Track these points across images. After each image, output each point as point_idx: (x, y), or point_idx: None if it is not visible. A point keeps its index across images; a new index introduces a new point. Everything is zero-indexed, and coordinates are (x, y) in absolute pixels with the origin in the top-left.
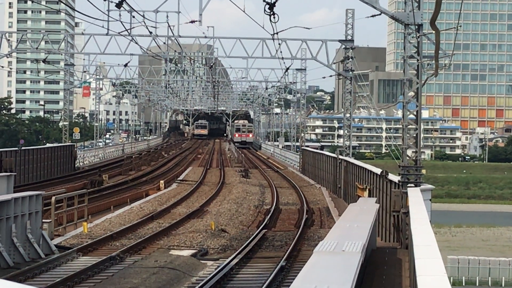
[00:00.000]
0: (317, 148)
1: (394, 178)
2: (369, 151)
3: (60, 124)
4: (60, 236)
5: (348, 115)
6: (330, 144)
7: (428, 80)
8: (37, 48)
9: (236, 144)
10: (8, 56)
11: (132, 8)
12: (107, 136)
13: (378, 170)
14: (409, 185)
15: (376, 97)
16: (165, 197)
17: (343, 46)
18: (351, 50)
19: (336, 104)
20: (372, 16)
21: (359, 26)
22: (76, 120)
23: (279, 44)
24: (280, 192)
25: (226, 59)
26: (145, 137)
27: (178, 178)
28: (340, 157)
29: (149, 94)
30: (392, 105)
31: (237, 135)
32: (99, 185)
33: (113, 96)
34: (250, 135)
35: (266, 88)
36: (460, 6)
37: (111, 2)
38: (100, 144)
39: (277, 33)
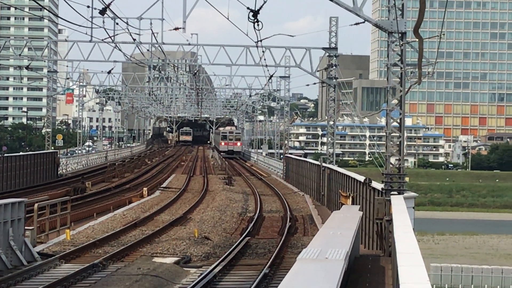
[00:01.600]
0: (300, 156)
1: (378, 185)
2: (352, 158)
3: (43, 131)
4: (43, 243)
5: (331, 122)
6: (313, 151)
7: (411, 88)
8: (20, 55)
9: (222, 154)
10: None
11: (116, 15)
12: (88, 143)
13: (361, 178)
14: (392, 192)
15: (359, 105)
16: (148, 204)
17: (327, 54)
18: (334, 58)
19: (319, 112)
20: (356, 24)
21: (342, 34)
22: (59, 127)
23: (263, 51)
24: (263, 199)
25: (210, 66)
26: (128, 144)
27: (162, 186)
28: (324, 164)
29: (133, 101)
30: (375, 113)
31: (223, 144)
32: (82, 192)
33: (97, 103)
34: (238, 144)
35: (250, 96)
36: (443, 14)
37: (95, 9)
38: (78, 152)
39: (261, 41)
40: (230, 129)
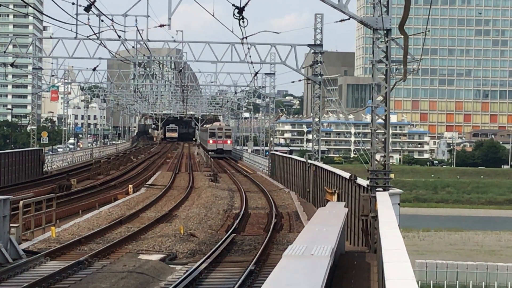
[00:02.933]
0: (286, 153)
1: (363, 182)
2: (338, 155)
3: (28, 128)
4: (28, 241)
5: (317, 119)
6: (299, 148)
7: (396, 84)
8: (4, 52)
9: (210, 153)
10: None
11: (101, 12)
12: (70, 141)
13: (347, 175)
14: (377, 189)
15: (344, 102)
16: (133, 201)
17: (312, 51)
18: (320, 55)
19: (305, 109)
20: (341, 20)
21: (328, 31)
22: (44, 125)
23: (248, 48)
24: (249, 196)
25: (195, 63)
26: (113, 142)
27: (147, 183)
28: (309, 161)
29: (118, 98)
30: (360, 109)
31: (211, 142)
32: (67, 190)
33: (82, 100)
34: (229, 142)
35: (235, 93)
36: (428, 11)
37: (80, 6)
38: (60, 150)
39: (246, 38)
40: (219, 125)
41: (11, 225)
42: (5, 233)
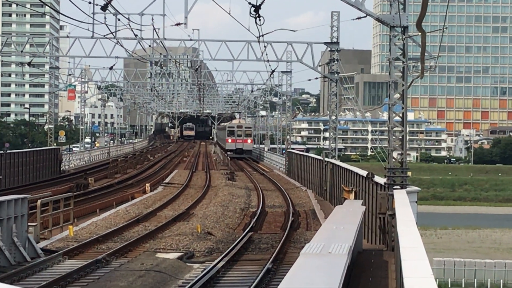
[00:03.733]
0: (302, 151)
1: (380, 180)
2: (354, 153)
3: (45, 127)
4: (46, 240)
5: (333, 117)
6: (315, 146)
7: (413, 82)
8: (22, 51)
9: (228, 153)
10: None
11: (117, 11)
12: (87, 140)
13: (364, 172)
14: (395, 187)
15: (361, 100)
16: (151, 200)
17: (329, 49)
18: (336, 53)
19: (321, 107)
20: (358, 18)
21: (344, 28)
22: (62, 123)
23: (264, 46)
24: (266, 194)
25: (211, 62)
26: (130, 140)
27: (164, 181)
28: (326, 159)
29: (135, 97)
30: (377, 107)
31: (229, 141)
32: (85, 188)
33: (99, 99)
34: (249, 141)
35: (252, 91)
36: (445, 8)
37: (96, 5)
38: (75, 149)
39: (262, 36)
40: (238, 123)
41: (29, 224)
42: (23, 232)
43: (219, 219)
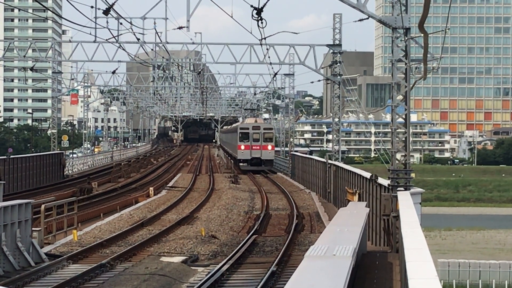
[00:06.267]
0: (306, 153)
1: (384, 182)
2: (358, 155)
3: (49, 132)
4: (50, 244)
5: (336, 119)
6: (319, 148)
7: (416, 83)
8: (24, 56)
9: (241, 164)
10: None
11: (120, 15)
12: (85, 146)
13: (367, 174)
14: (399, 188)
15: (364, 101)
16: (154, 203)
17: (331, 51)
18: (339, 55)
19: (324, 109)
20: (360, 20)
21: (346, 30)
22: (65, 128)
23: (267, 49)
24: (269, 197)
25: (214, 65)
26: (134, 144)
27: (168, 185)
28: (330, 161)
29: (138, 101)
30: (380, 109)
31: (243, 147)
32: (89, 193)
33: (101, 104)
34: (269, 147)
35: (255, 94)
36: (448, 9)
37: (98, 9)
38: (74, 155)
39: (265, 38)
40: (254, 122)
41: (33, 229)
42: (27, 237)
43: (223, 222)
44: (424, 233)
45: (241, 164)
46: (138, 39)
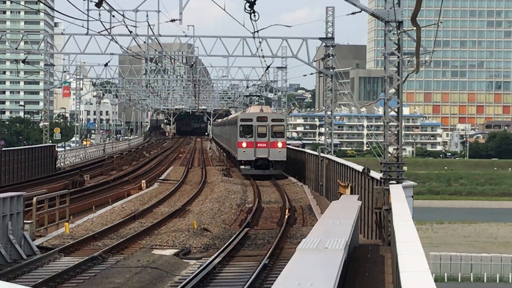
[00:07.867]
0: (298, 146)
1: (376, 175)
2: (350, 148)
3: (41, 124)
4: (42, 237)
5: (329, 112)
6: (311, 142)
7: (408, 77)
8: (16, 49)
9: (244, 167)
10: None
11: (112, 7)
12: (73, 139)
13: (360, 168)
14: (391, 182)
15: (357, 95)
16: (147, 196)
17: (324, 44)
18: (331, 48)
19: (317, 102)
20: (353, 13)
21: (339, 24)
22: (57, 121)
23: (259, 42)
24: (262, 190)
25: (206, 58)
26: (126, 137)
27: (160, 178)
28: (322, 155)
29: (130, 93)
30: (373, 102)
31: (244, 145)
32: (81, 186)
33: (94, 96)
34: (280, 144)
35: (247, 87)
36: (440, 3)
37: (91, 1)
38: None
39: (257, 31)
40: (259, 111)
41: (25, 221)
42: (19, 229)
43: (215, 215)
44: (416, 226)
45: (242, 167)
46: (131, 32)
